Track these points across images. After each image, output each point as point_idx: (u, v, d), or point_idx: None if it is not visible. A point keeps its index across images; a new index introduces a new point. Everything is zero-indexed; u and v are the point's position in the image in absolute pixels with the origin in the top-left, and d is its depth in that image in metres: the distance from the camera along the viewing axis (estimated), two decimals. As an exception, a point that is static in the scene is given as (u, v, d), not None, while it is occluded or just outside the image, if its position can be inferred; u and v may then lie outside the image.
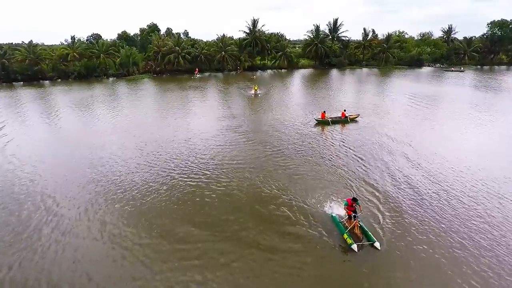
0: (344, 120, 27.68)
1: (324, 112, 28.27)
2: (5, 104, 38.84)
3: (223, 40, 69.00)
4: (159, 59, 65.34)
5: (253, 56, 74.00)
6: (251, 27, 71.83)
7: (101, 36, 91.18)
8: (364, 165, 18.52)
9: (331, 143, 22.48)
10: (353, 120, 27.93)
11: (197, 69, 65.74)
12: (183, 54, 65.05)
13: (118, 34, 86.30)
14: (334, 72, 71.56)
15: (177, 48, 64.73)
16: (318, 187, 15.92)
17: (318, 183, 16.31)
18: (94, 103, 38.44)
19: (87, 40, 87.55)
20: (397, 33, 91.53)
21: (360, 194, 15.07)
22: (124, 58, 62.69)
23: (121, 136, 24.86)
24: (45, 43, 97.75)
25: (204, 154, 20.39)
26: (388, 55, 78.70)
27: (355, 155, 20.13)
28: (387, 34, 79.93)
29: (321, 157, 19.91)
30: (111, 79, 62.35)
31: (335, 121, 27.57)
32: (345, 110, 28.15)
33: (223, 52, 66.97)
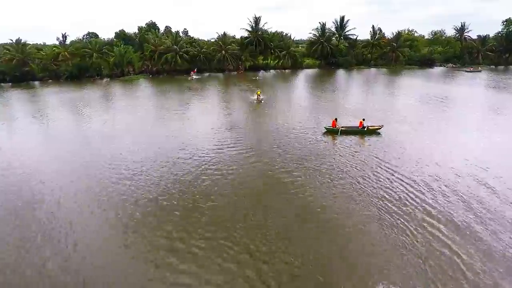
0: (361, 131, 23.15)
1: (336, 119, 24.31)
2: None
3: (224, 39, 65.18)
4: (155, 58, 61.74)
5: (255, 56, 70.10)
6: (253, 25, 67.96)
7: (97, 35, 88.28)
8: (420, 200, 13.46)
9: (360, 162, 17.81)
10: (373, 131, 23.27)
11: (195, 70, 61.96)
12: (181, 53, 61.35)
13: (115, 33, 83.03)
14: (341, 72, 67.50)
15: (174, 47, 61.02)
16: (353, 243, 10.69)
17: (351, 235, 11.13)
18: (75, 107, 34.86)
19: (83, 39, 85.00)
20: (406, 31, 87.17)
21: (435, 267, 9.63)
22: (118, 58, 59.13)
23: (93, 146, 21.19)
24: (47, 43, 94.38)
25: (188, 183, 16.12)
26: (398, 54, 74.43)
27: (401, 183, 15.14)
28: (396, 32, 75.69)
29: (351, 185, 15.08)
30: (104, 79, 58.87)
31: (349, 131, 23.39)
32: (363, 119, 23.52)
33: (223, 51, 63.17)
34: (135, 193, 14.73)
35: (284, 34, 77.02)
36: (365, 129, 23.07)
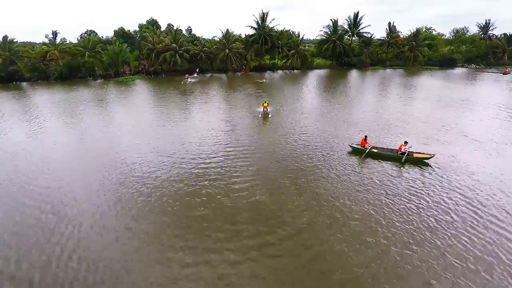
0: (399, 158, 17.12)
1: (366, 138, 18.96)
2: None
3: (227, 36, 59.86)
4: (153, 57, 56.75)
5: (262, 55, 64.62)
6: (259, 21, 62.53)
7: (96, 33, 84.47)
8: None
9: (431, 206, 12.46)
10: (419, 161, 16.83)
11: (197, 69, 57.17)
12: (181, 52, 56.24)
13: (114, 31, 78.64)
14: (355, 73, 61.79)
15: (173, 45, 55.92)
16: None
17: None
18: (66, 109, 29.98)
19: (81, 37, 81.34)
20: (424, 29, 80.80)
21: None
22: (112, 57, 54.35)
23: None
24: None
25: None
26: (416, 53, 68.26)
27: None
28: (414, 29, 69.50)
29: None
30: (98, 80, 54.16)
31: (382, 156, 17.81)
32: (406, 142, 17.54)
33: (226, 50, 57.87)
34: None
35: (291, 32, 71.28)
36: (405, 155, 16.94)
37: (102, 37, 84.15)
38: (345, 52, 68.13)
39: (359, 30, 69.52)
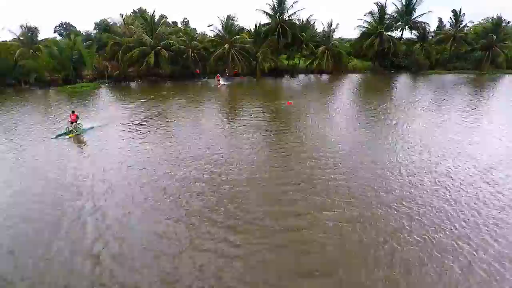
0: None
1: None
2: None
3: (228, 26, 41.10)
4: (119, 56, 38.62)
5: (277, 53, 45.35)
6: (275, 5, 43.65)
7: (73, 26, 67.98)
8: None
9: None
10: None
11: (197, 70, 39.79)
12: (159, 48, 37.82)
13: (95, 24, 60.94)
14: (412, 81, 42.35)
15: (146, 37, 37.50)
16: None
17: None
18: None
19: (54, 32, 65.96)
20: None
21: None
22: (57, 56, 36.54)
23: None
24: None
25: None
26: (497, 53, 48.02)
27: None
28: (495, 17, 49.36)
29: None
30: (39, 89, 36.40)
31: None
32: None
33: (227, 46, 39.13)
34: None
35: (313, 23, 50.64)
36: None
37: (79, 31, 67.77)
38: (395, 51, 48.55)
39: (415, 18, 49.60)
